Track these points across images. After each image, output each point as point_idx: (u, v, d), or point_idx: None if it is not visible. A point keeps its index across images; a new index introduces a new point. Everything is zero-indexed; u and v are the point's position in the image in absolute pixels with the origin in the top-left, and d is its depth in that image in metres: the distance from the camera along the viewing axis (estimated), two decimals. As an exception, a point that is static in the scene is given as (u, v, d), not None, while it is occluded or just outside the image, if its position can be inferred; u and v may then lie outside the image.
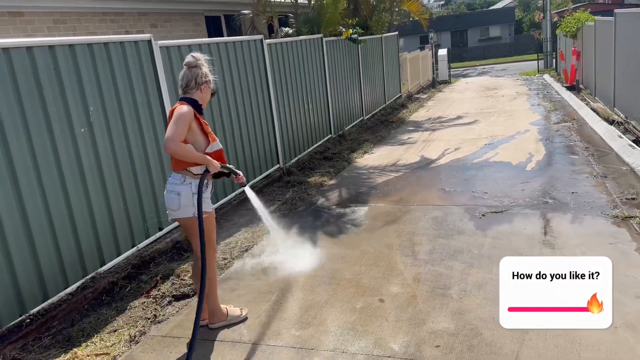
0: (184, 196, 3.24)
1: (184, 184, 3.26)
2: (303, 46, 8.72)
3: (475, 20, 47.69)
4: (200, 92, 3.32)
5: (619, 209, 4.99)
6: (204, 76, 3.33)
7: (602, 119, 9.23)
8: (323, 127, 9.55)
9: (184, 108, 3.16)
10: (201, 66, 3.33)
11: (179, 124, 3.10)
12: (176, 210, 3.29)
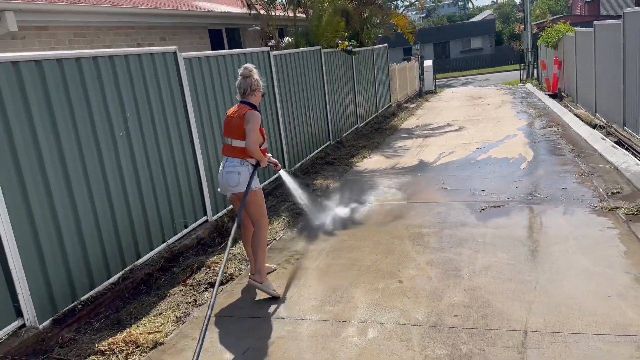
0: (243, 175, 4.03)
1: (243, 165, 4.05)
2: (304, 57, 9.20)
3: (457, 32, 48.87)
4: (254, 96, 4.15)
5: (606, 202, 5.50)
6: (256, 83, 4.14)
7: (585, 124, 9.84)
8: (322, 134, 10.01)
9: (256, 115, 4.01)
10: (253, 75, 4.10)
11: (254, 129, 3.96)
12: (235, 186, 4.06)
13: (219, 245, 5.54)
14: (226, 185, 4.16)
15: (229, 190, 4.17)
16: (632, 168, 6.31)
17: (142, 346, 3.57)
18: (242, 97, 4.15)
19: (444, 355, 3.11)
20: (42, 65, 3.86)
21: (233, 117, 4.12)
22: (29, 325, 3.66)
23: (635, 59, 7.65)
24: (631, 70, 7.94)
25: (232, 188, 4.12)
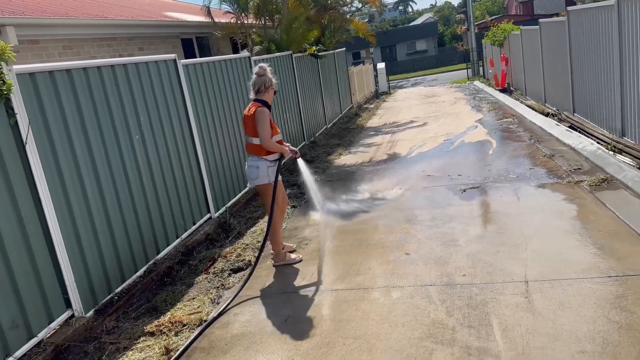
0: (261, 169, 4.50)
1: (261, 160, 4.51)
2: (279, 62, 9.64)
3: (402, 35, 50.55)
4: (268, 94, 4.57)
5: (570, 177, 6.23)
6: (270, 81, 4.56)
7: (538, 113, 10.76)
8: (298, 135, 10.45)
9: (264, 111, 4.41)
10: (267, 74, 4.53)
11: (265, 125, 4.37)
12: (255, 179, 4.57)
13: (226, 239, 5.87)
14: (249, 179, 4.72)
15: (251, 183, 4.73)
16: (587, 148, 7.12)
17: (189, 324, 3.90)
18: (255, 94, 4.54)
19: (463, 305, 3.63)
20: (72, 74, 4.13)
21: (246, 117, 4.59)
22: (78, 316, 3.90)
23: (581, 54, 8.55)
24: (577, 64, 8.85)
25: (253, 181, 4.66)
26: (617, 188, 5.56)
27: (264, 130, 4.39)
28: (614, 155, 6.45)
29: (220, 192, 6.62)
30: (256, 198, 7.35)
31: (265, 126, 4.39)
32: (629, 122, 6.90)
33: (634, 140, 6.78)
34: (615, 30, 6.86)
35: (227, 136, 6.97)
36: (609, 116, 7.54)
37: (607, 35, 7.25)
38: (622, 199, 5.24)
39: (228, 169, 6.92)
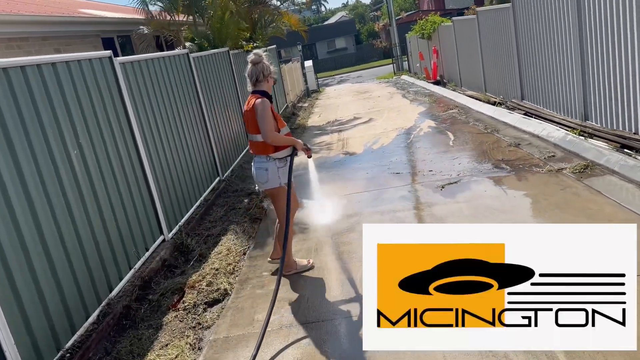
0: (271, 171, 3.93)
1: (269, 161, 3.93)
2: (217, 59, 8.79)
3: (321, 33, 50.46)
4: (267, 83, 3.97)
5: (548, 165, 5.98)
6: (268, 68, 3.96)
7: (484, 103, 10.68)
8: (242, 138, 9.64)
9: (264, 102, 3.76)
10: (263, 60, 3.95)
11: (266, 118, 3.73)
12: (265, 183, 4.00)
13: (187, 264, 5.03)
14: (257, 182, 4.17)
15: (260, 187, 4.22)
16: (554, 134, 6.96)
17: (172, 384, 3.08)
18: (253, 86, 3.98)
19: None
20: (-14, 72, 3.15)
21: (247, 112, 4.00)
22: (20, 389, 2.96)
23: (530, 40, 8.47)
24: (526, 50, 8.77)
25: (262, 184, 4.11)
26: (603, 174, 5.35)
27: (265, 123, 3.77)
28: (586, 139, 6.29)
29: (172, 209, 5.73)
30: (210, 212, 6.51)
31: (267, 118, 3.78)
32: (592, 106, 6.81)
33: (598, 124, 6.69)
34: (574, 10, 6.74)
35: (173, 142, 6.08)
36: (569, 101, 7.46)
37: (563, 18, 7.13)
38: (614, 184, 5.02)
39: (178, 180, 6.03)
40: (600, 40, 6.30)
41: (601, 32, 6.24)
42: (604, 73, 6.35)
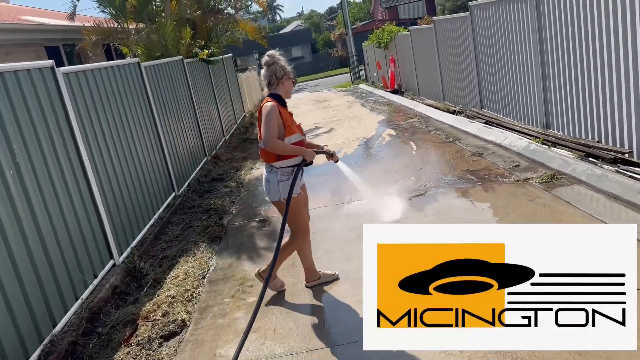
0: (272, 183, 3.63)
1: (272, 172, 3.63)
2: (170, 68, 8.38)
3: (277, 42, 49.92)
4: (282, 85, 3.62)
5: (514, 175, 5.91)
6: (282, 69, 3.60)
7: (443, 112, 10.66)
8: (199, 150, 9.23)
9: (268, 106, 3.45)
10: (277, 62, 3.60)
11: (269, 122, 3.40)
12: (268, 193, 3.72)
13: (140, 291, 4.61)
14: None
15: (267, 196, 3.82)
16: (517, 143, 6.93)
17: None
18: (269, 89, 3.67)
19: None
20: None
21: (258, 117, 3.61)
22: None
23: (490, 50, 8.49)
24: (486, 60, 8.79)
25: (267, 194, 3.79)
26: (570, 183, 5.29)
27: (265, 128, 3.41)
28: (549, 148, 6.27)
29: (123, 229, 5.30)
30: (166, 231, 6.10)
31: (268, 123, 3.41)
32: (554, 115, 6.83)
33: (560, 132, 6.71)
34: (534, 20, 6.75)
35: (123, 157, 5.66)
36: (530, 109, 7.47)
37: (523, 27, 7.14)
38: (583, 194, 4.96)
39: (129, 198, 5.60)
40: (560, 48, 6.32)
41: (562, 41, 6.26)
42: (565, 81, 6.37)
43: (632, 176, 4.73)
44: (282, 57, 3.64)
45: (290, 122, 3.60)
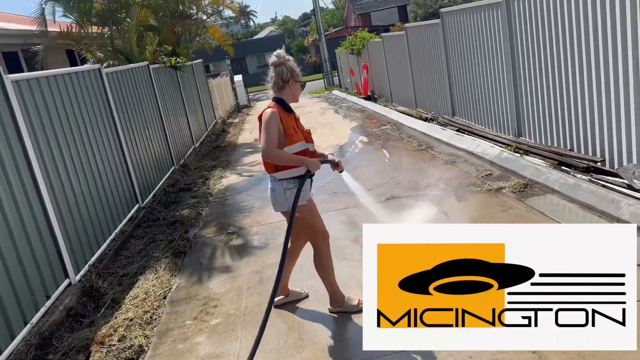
0: (278, 193, 3.33)
1: (277, 181, 3.32)
2: (135, 75, 8.07)
3: (251, 48, 49.96)
4: (289, 89, 3.32)
5: (487, 184, 5.81)
6: (289, 71, 3.29)
7: (416, 119, 10.59)
8: (166, 159, 8.92)
9: (268, 113, 3.18)
10: (286, 62, 3.29)
11: (267, 131, 3.12)
12: (275, 204, 3.41)
13: (97, 312, 4.32)
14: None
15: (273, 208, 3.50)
16: (489, 151, 6.86)
17: None
18: (274, 92, 3.38)
19: None
20: None
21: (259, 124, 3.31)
22: None
23: (461, 58, 8.44)
24: (457, 68, 8.74)
25: (273, 206, 3.47)
26: (544, 193, 5.22)
27: (264, 138, 3.13)
28: (522, 156, 6.21)
29: (80, 246, 4.99)
30: (127, 245, 5.80)
31: (268, 130, 3.13)
32: (526, 123, 6.78)
33: (532, 140, 6.66)
34: (506, 31, 6.70)
35: (81, 168, 5.35)
36: (502, 117, 7.43)
37: (494, 34, 7.10)
38: (557, 204, 4.88)
39: (87, 212, 5.29)
40: (532, 57, 6.28)
41: (533, 49, 6.22)
42: (536, 89, 6.32)
43: (605, 185, 4.66)
44: (290, 57, 3.35)
45: (294, 129, 3.28)
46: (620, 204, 4.20)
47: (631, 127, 4.71)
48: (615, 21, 4.70)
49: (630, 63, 4.58)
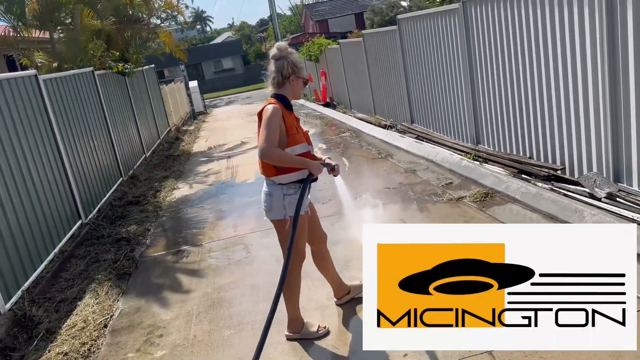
0: (276, 198, 3.05)
1: (276, 185, 3.06)
2: (78, 81, 7.57)
3: (207, 53, 49.17)
4: (290, 85, 3.04)
5: (447, 194, 5.67)
6: (290, 66, 2.99)
7: (375, 126, 10.46)
8: (113, 171, 8.42)
9: (270, 109, 2.90)
10: (287, 56, 3.01)
11: (268, 128, 2.86)
12: (268, 211, 3.12)
13: (29, 345, 3.89)
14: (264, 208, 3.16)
15: (265, 214, 3.18)
16: (449, 159, 6.75)
17: None
18: (273, 88, 3.08)
19: None
20: None
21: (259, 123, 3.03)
22: None
23: (416, 64, 8.35)
24: (415, 76, 8.65)
25: (266, 212, 3.15)
26: (505, 202, 5.11)
27: (264, 136, 2.85)
28: (481, 165, 6.12)
29: (12, 270, 4.52)
30: (68, 266, 5.34)
31: (270, 128, 2.86)
32: (484, 130, 6.72)
33: (491, 148, 6.60)
34: (463, 37, 6.62)
35: (12, 184, 4.87)
36: (460, 125, 7.35)
37: (451, 40, 7.02)
38: (519, 214, 4.77)
39: (20, 232, 4.82)
40: (489, 63, 6.21)
41: (490, 56, 6.15)
42: (494, 97, 6.26)
43: (567, 194, 4.59)
44: (292, 50, 3.07)
45: (295, 129, 3.03)
46: (584, 214, 4.11)
47: (591, 135, 4.66)
48: (573, 28, 4.64)
49: (589, 70, 4.52)
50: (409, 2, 32.43)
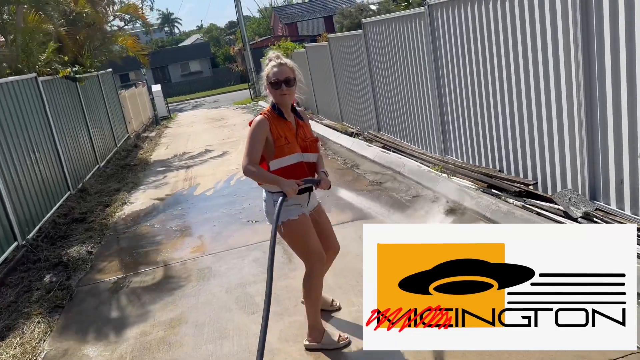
0: (268, 204, 3.03)
1: (267, 192, 3.04)
2: (17, 89, 6.95)
3: (174, 56, 48.16)
4: (270, 93, 2.94)
5: (415, 208, 5.33)
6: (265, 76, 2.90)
7: (342, 133, 10.08)
8: (59, 184, 7.79)
9: (255, 121, 2.88)
10: (264, 67, 2.96)
11: (248, 144, 2.84)
12: (267, 216, 3.08)
13: None
14: None
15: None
16: (416, 170, 6.42)
17: None
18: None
19: None
20: None
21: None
22: None
23: (383, 71, 8.01)
24: (381, 84, 8.31)
25: (267, 218, 3.12)
26: (475, 220, 4.77)
27: (245, 150, 2.86)
28: (449, 178, 5.79)
29: None
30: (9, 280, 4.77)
31: (250, 142, 2.84)
32: (452, 141, 6.40)
33: (459, 159, 6.29)
34: (429, 45, 6.30)
35: None
36: (427, 135, 7.03)
37: (418, 48, 6.70)
38: (490, 234, 4.44)
39: None
40: (457, 71, 5.91)
41: (458, 63, 5.85)
42: (462, 107, 5.96)
43: (540, 213, 4.28)
44: (276, 59, 2.90)
45: (285, 139, 2.87)
46: (558, 236, 3.80)
47: (565, 148, 4.37)
48: (545, 36, 4.34)
49: (562, 81, 4.23)
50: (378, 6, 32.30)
